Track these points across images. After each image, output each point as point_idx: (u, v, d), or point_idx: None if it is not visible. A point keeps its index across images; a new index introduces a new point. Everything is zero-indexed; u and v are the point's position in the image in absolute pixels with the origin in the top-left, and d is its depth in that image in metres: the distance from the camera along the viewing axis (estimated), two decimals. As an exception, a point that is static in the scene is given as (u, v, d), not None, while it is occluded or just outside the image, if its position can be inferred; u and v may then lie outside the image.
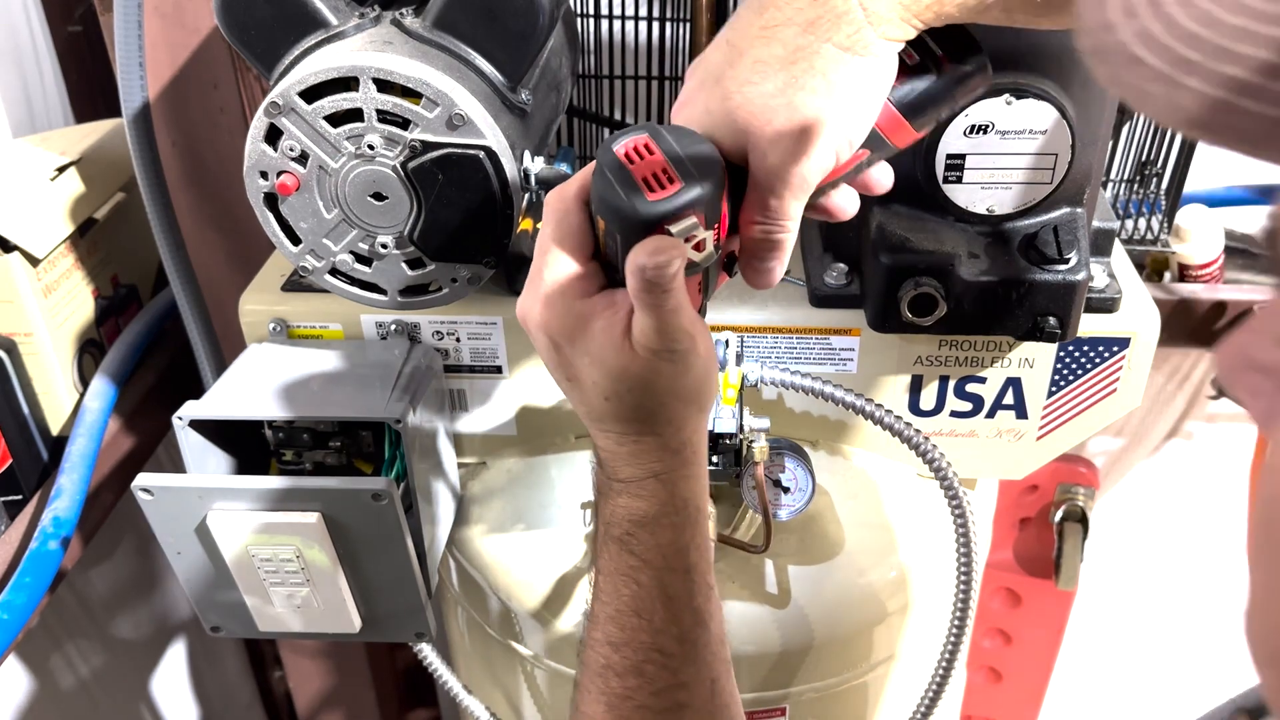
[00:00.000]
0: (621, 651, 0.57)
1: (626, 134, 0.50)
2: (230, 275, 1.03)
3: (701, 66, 0.51)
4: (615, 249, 0.52)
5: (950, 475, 0.81)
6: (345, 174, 0.74)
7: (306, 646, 1.42)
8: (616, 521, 0.57)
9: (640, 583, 0.57)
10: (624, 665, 0.57)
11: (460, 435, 0.94)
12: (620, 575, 0.57)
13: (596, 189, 0.50)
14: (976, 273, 0.74)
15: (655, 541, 0.56)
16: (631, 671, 0.57)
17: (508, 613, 0.93)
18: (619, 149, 0.49)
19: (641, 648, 0.57)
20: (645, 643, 0.57)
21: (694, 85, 0.52)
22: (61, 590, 1.14)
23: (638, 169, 0.49)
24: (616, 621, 0.58)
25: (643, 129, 0.50)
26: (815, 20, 0.46)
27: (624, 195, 0.49)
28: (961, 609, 0.86)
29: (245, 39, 0.75)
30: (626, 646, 0.57)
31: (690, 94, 0.52)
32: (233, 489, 0.77)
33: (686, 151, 0.49)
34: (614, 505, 0.57)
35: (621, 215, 0.49)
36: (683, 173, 0.49)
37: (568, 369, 0.55)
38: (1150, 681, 1.68)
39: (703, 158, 0.49)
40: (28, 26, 1.21)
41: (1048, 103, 0.68)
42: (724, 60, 0.49)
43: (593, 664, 0.59)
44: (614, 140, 0.50)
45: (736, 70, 0.48)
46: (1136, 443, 1.47)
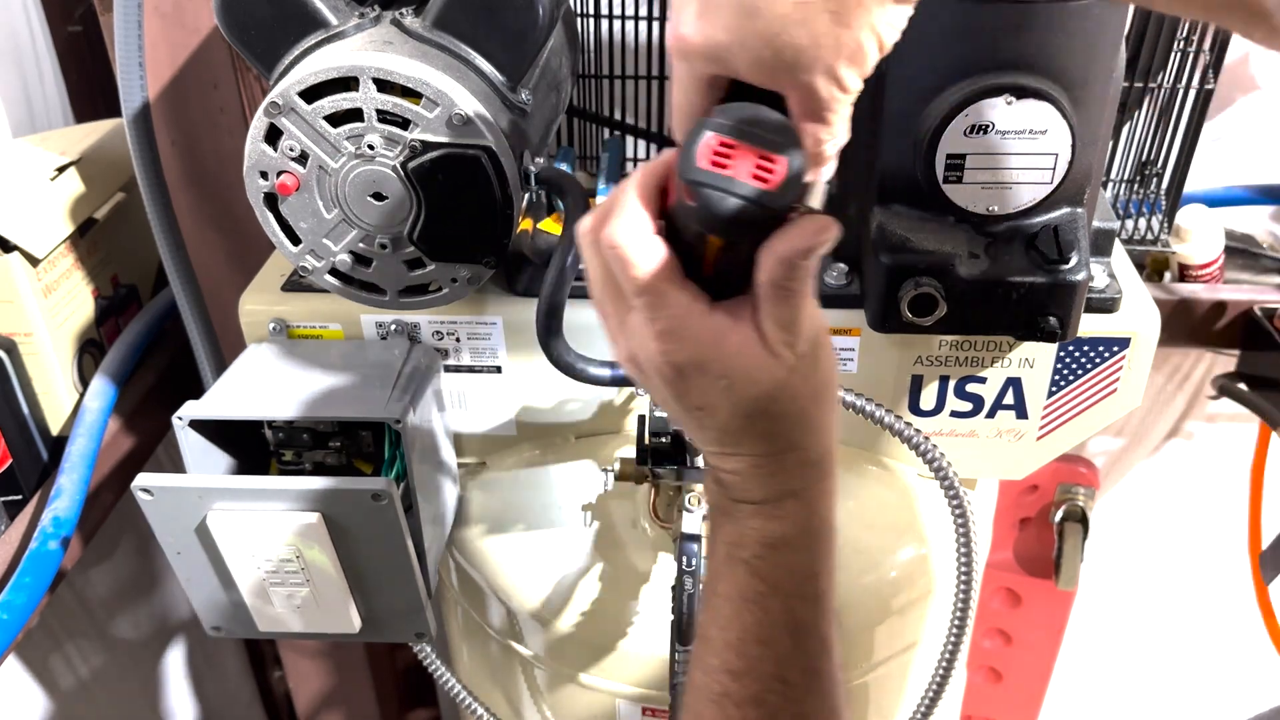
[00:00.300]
0: (742, 680, 0.54)
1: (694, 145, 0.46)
2: (230, 275, 1.03)
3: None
4: (737, 259, 0.49)
5: (950, 475, 0.81)
6: (345, 174, 0.74)
7: (306, 646, 1.42)
8: (746, 544, 0.54)
9: (768, 610, 0.53)
10: (744, 695, 0.54)
11: (460, 435, 0.94)
12: (745, 601, 0.54)
13: (706, 210, 0.46)
14: (976, 273, 0.74)
15: (788, 566, 0.54)
16: (751, 701, 0.54)
17: (508, 613, 0.93)
18: (703, 162, 0.45)
19: (764, 677, 0.54)
20: (769, 673, 0.54)
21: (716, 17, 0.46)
22: (61, 590, 1.14)
23: (736, 170, 0.45)
24: (737, 649, 0.54)
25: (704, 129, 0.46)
26: None
27: (747, 200, 0.45)
28: (961, 609, 0.86)
29: (245, 39, 0.75)
30: (748, 676, 0.54)
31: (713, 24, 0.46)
32: (233, 489, 0.77)
33: (755, 127, 0.46)
34: (742, 527, 0.54)
35: (753, 220, 0.46)
36: (774, 148, 0.45)
37: (698, 397, 0.51)
38: (1150, 681, 1.68)
39: (771, 123, 0.46)
40: (28, 26, 1.21)
41: (1048, 103, 0.68)
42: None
43: (707, 689, 0.56)
44: (687, 157, 0.46)
45: (775, 6, 0.44)
46: (1136, 443, 1.47)
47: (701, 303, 0.49)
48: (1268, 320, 1.10)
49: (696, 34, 0.46)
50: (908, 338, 0.83)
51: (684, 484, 0.80)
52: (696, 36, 0.46)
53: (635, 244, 0.48)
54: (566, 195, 0.78)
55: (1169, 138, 1.06)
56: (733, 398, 0.51)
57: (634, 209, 0.49)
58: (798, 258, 0.47)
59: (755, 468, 0.53)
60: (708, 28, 0.45)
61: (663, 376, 0.51)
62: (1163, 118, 1.05)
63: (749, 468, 0.53)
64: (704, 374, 0.50)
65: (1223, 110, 1.24)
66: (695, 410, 0.52)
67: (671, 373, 0.50)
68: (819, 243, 0.47)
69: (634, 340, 0.51)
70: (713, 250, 0.49)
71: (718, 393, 0.51)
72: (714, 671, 0.55)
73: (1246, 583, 1.23)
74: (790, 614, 0.54)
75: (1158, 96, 1.04)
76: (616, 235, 0.49)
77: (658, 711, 0.89)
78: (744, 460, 0.53)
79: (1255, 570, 1.21)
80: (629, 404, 0.91)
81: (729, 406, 0.51)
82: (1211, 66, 1.01)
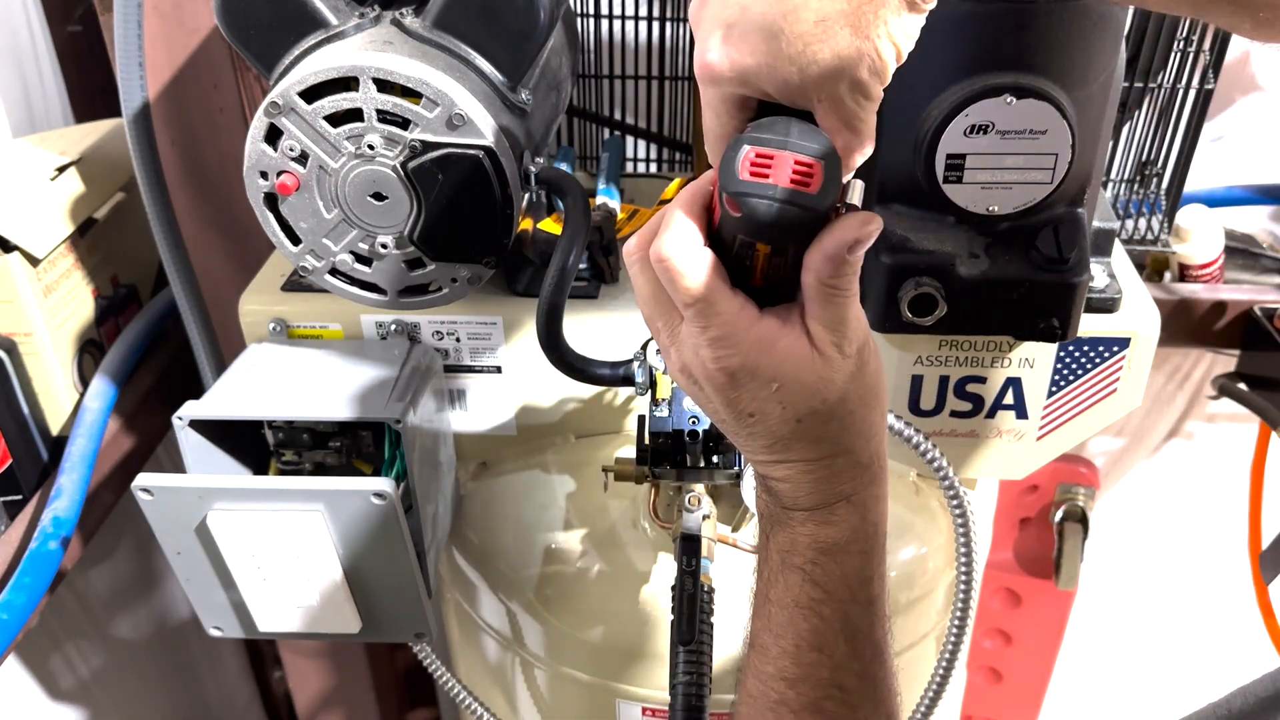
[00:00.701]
0: (798, 688, 0.55)
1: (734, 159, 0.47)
2: (230, 275, 1.03)
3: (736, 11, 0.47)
4: (784, 266, 0.50)
5: (950, 475, 0.81)
6: (345, 174, 0.74)
7: (306, 646, 1.42)
8: (799, 550, 0.54)
9: (823, 616, 0.54)
10: (800, 702, 0.55)
11: (460, 435, 0.94)
12: (800, 608, 0.54)
13: (752, 218, 0.47)
14: (976, 273, 0.74)
15: (841, 571, 0.54)
16: (809, 708, 0.55)
17: (507, 612, 0.93)
18: (744, 173, 0.47)
19: (821, 684, 0.54)
20: (825, 679, 0.54)
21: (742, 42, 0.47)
22: (61, 590, 1.14)
23: (776, 177, 0.47)
24: (793, 656, 0.55)
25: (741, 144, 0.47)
26: None
27: (790, 203, 0.47)
28: (961, 609, 0.86)
29: (245, 39, 0.75)
30: (804, 683, 0.55)
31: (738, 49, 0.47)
32: (233, 489, 0.77)
33: (789, 137, 0.47)
34: (795, 534, 0.54)
35: (798, 223, 0.48)
36: (809, 153, 0.47)
37: (750, 403, 0.52)
38: (1150, 681, 1.68)
39: (804, 131, 0.48)
40: (28, 26, 1.21)
41: (1048, 103, 0.68)
42: (775, 12, 0.46)
43: (763, 698, 0.56)
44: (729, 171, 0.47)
45: (797, 26, 0.45)
46: (1136, 443, 1.47)
47: (750, 309, 0.51)
48: (1268, 320, 1.10)
49: (723, 60, 0.47)
50: (908, 338, 0.83)
51: (684, 484, 0.80)
52: (723, 63, 0.47)
53: (684, 256, 0.50)
54: (566, 195, 0.78)
55: (1169, 138, 1.06)
56: (783, 401, 0.51)
57: (681, 224, 0.50)
58: (843, 251, 0.49)
59: (806, 473, 0.53)
60: (734, 54, 0.47)
61: (715, 384, 0.52)
62: (1163, 118, 1.05)
63: (800, 473, 0.53)
64: (755, 378, 0.51)
65: (1223, 110, 1.24)
66: (747, 417, 0.53)
67: (724, 379, 0.51)
68: (864, 235, 0.49)
69: (686, 350, 0.52)
70: (761, 258, 0.50)
71: (769, 397, 0.51)
72: (770, 679, 0.56)
73: (1246, 583, 1.23)
74: (845, 619, 0.54)
75: (1158, 96, 1.04)
76: (665, 249, 0.50)
77: (658, 711, 0.89)
78: (795, 466, 0.53)
79: (1255, 570, 1.21)
80: (629, 404, 0.91)
81: (780, 410, 0.52)
82: (1211, 66, 1.01)
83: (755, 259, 0.50)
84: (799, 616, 0.54)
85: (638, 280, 0.53)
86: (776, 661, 0.55)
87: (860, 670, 0.55)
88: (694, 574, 0.74)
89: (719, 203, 0.49)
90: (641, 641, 0.87)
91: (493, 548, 0.93)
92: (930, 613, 0.94)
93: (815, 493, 0.54)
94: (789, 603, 0.55)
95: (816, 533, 0.54)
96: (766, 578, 0.56)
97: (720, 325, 0.50)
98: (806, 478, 0.53)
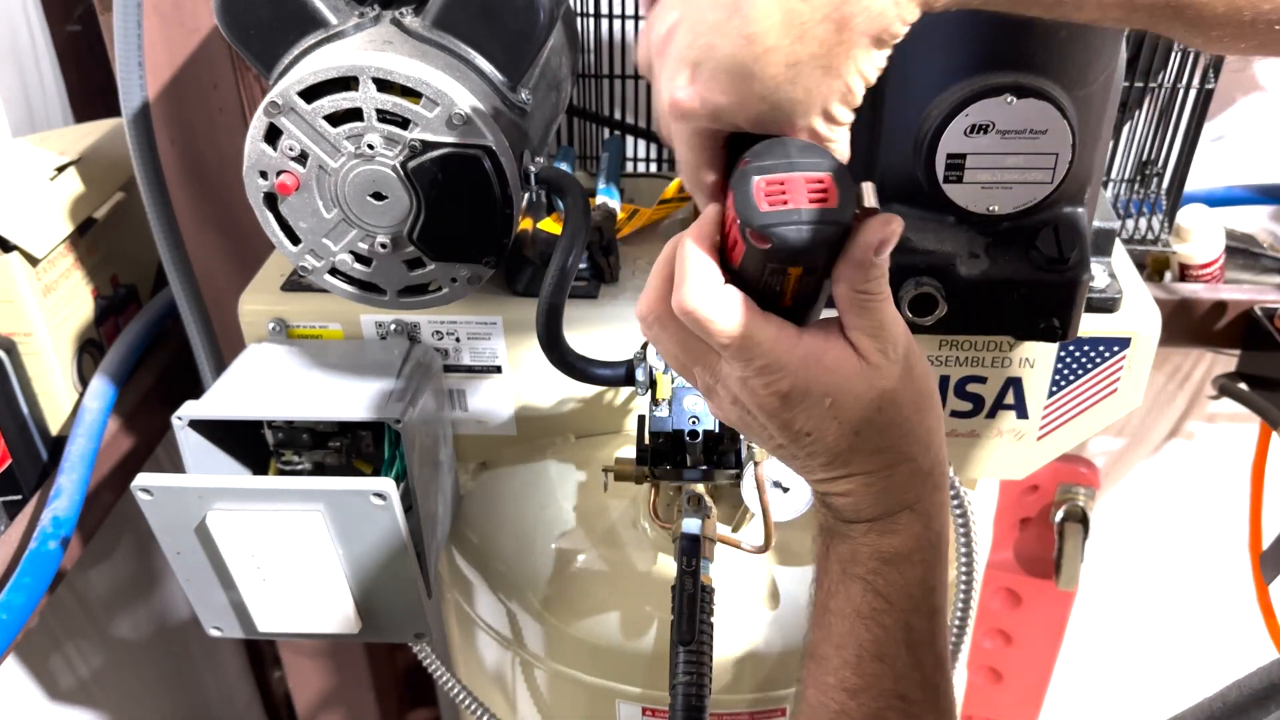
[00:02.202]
0: (859, 699, 0.54)
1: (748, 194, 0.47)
2: (230, 275, 1.03)
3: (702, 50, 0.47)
4: (814, 284, 0.51)
5: (950, 475, 0.81)
6: (345, 174, 0.74)
7: (306, 646, 1.42)
8: (860, 560, 0.54)
9: (885, 626, 0.53)
10: (862, 713, 0.54)
11: (460, 435, 0.94)
12: (861, 618, 0.54)
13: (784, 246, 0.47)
14: (976, 273, 0.74)
15: (903, 581, 0.53)
16: (870, 718, 0.54)
17: (507, 612, 0.93)
18: (763, 205, 0.47)
19: (883, 695, 0.54)
20: (887, 689, 0.54)
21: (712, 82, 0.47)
22: (61, 590, 1.14)
23: (794, 200, 0.47)
24: (854, 667, 0.54)
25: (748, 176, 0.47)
26: (847, 19, 0.45)
27: (821, 223, 0.47)
28: (962, 609, 0.86)
29: (245, 39, 0.75)
30: (865, 693, 0.54)
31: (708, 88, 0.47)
32: (232, 489, 0.77)
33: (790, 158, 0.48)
34: (856, 545, 0.54)
35: (830, 240, 0.48)
36: (816, 169, 0.47)
37: (805, 422, 0.51)
38: (1150, 681, 1.68)
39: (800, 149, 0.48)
40: (27, 26, 1.21)
41: (1048, 103, 0.68)
42: (745, 55, 0.46)
43: (824, 709, 0.56)
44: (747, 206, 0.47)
45: (768, 69, 0.46)
46: (1137, 443, 1.47)
47: (790, 330, 0.50)
48: (1268, 320, 1.10)
49: (693, 99, 0.48)
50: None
51: (684, 484, 0.80)
52: (693, 101, 0.48)
53: (710, 302, 0.49)
54: (566, 195, 0.78)
55: (1169, 138, 1.06)
56: (838, 415, 0.51)
57: (698, 271, 0.50)
58: (870, 256, 0.49)
59: (867, 486, 0.53)
60: (704, 92, 0.47)
61: (768, 411, 0.51)
62: (1163, 118, 1.05)
63: (861, 486, 0.53)
64: (808, 396, 0.50)
65: (1223, 110, 1.24)
66: (804, 436, 0.52)
67: (777, 403, 0.51)
68: (888, 235, 0.49)
69: (733, 385, 0.52)
70: (793, 281, 0.50)
71: (823, 413, 0.51)
72: (830, 690, 0.55)
73: (1246, 583, 1.23)
74: (908, 629, 0.54)
75: (1158, 96, 1.04)
76: (690, 301, 0.49)
77: (658, 711, 0.89)
78: (855, 480, 0.53)
79: (1255, 570, 1.21)
80: (629, 404, 0.91)
81: (836, 425, 0.51)
82: (1211, 66, 1.01)
83: (786, 283, 0.50)
84: (860, 627, 0.54)
85: (660, 338, 0.52)
86: (838, 672, 0.55)
87: (922, 681, 0.54)
88: (694, 574, 0.74)
89: (742, 238, 0.48)
90: (641, 641, 0.87)
91: (493, 548, 0.93)
92: (930, 613, 0.94)
93: (877, 503, 0.53)
94: (850, 613, 0.54)
95: (879, 543, 0.53)
96: (826, 589, 0.56)
97: (764, 355, 0.50)
98: (868, 490, 0.53)
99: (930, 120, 0.70)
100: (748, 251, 0.48)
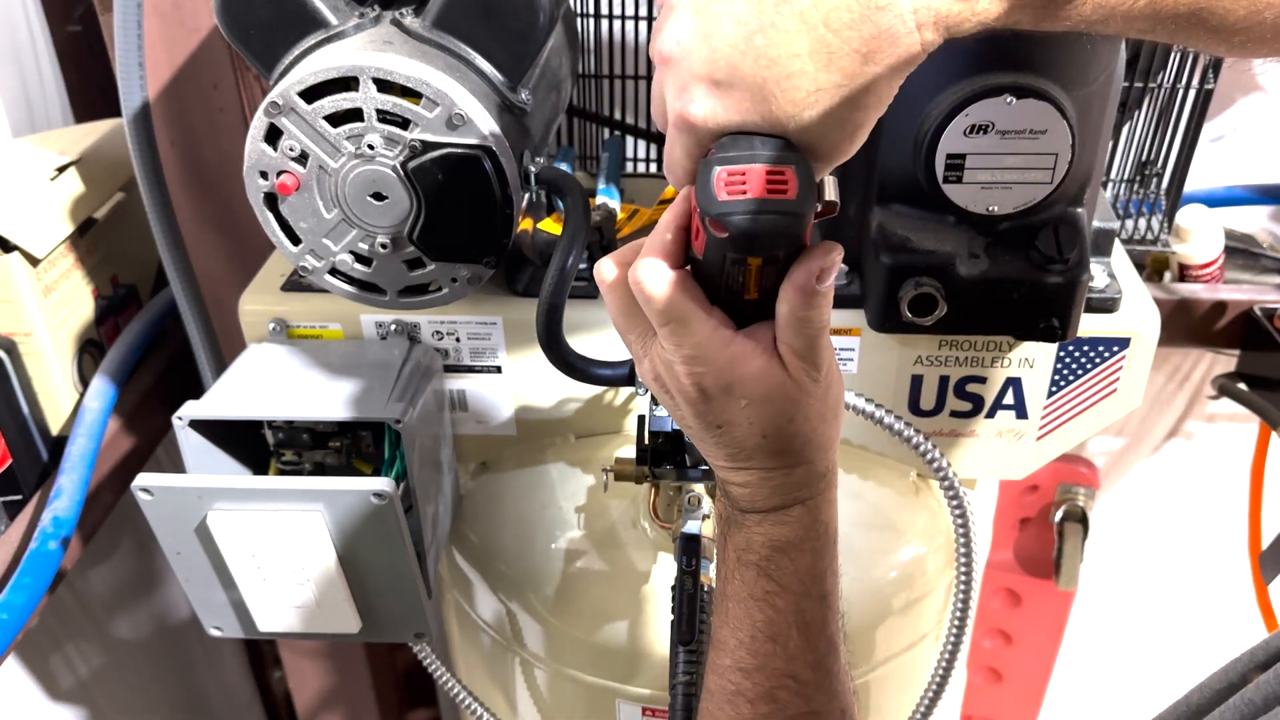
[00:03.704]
0: (754, 678, 0.57)
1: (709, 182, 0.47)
2: (230, 275, 1.03)
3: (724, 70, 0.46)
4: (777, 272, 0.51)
5: (950, 475, 0.81)
6: (345, 174, 0.74)
7: (306, 646, 1.42)
8: (753, 548, 0.56)
9: (776, 608, 0.56)
10: (756, 692, 0.57)
11: (460, 435, 0.94)
12: (755, 600, 0.56)
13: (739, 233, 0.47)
14: (976, 273, 0.74)
15: (794, 567, 0.56)
16: (764, 698, 0.56)
17: (507, 612, 0.93)
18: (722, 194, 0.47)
19: (775, 674, 0.56)
20: (779, 669, 0.56)
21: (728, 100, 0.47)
22: (61, 590, 1.14)
23: (752, 190, 0.47)
24: (749, 647, 0.57)
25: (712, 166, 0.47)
26: (875, 51, 0.45)
27: (774, 212, 0.47)
28: (961, 609, 0.86)
29: (245, 39, 0.75)
30: (759, 672, 0.57)
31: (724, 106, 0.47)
32: (233, 489, 0.77)
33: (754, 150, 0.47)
34: (750, 534, 0.57)
35: (784, 230, 0.48)
36: (779, 162, 0.47)
37: (718, 416, 0.54)
38: (1150, 681, 1.68)
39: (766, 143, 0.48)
40: (27, 26, 1.21)
41: (1048, 103, 0.68)
42: (770, 77, 0.45)
43: (721, 691, 0.58)
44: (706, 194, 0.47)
45: (791, 94, 0.46)
46: (1136, 443, 1.47)
47: (725, 329, 0.52)
48: (1268, 320, 1.10)
49: (710, 116, 0.47)
50: (908, 338, 0.83)
51: (684, 484, 0.80)
52: (710, 119, 0.47)
53: (656, 279, 0.51)
54: (566, 195, 0.78)
55: (1169, 138, 1.06)
56: (752, 418, 0.53)
57: (656, 246, 0.52)
58: (812, 282, 0.50)
59: (766, 481, 0.56)
60: (720, 111, 0.47)
61: (685, 397, 0.54)
62: (1163, 118, 1.05)
63: (759, 480, 0.56)
64: (727, 395, 0.53)
65: (1223, 110, 1.24)
66: (715, 428, 0.55)
67: (695, 393, 0.54)
68: (829, 264, 0.50)
69: (658, 362, 0.55)
70: (754, 271, 0.51)
71: (737, 411, 0.53)
72: (727, 671, 0.58)
73: (1246, 583, 1.23)
74: (799, 612, 0.56)
75: (1158, 96, 1.04)
76: (640, 272, 0.52)
77: (658, 711, 0.89)
78: (755, 474, 0.56)
79: (1255, 570, 1.21)
80: (629, 404, 0.91)
81: (746, 425, 0.54)
82: (1211, 66, 1.01)
83: (748, 273, 0.51)
84: (754, 608, 0.56)
85: (609, 298, 0.55)
86: (734, 653, 0.57)
87: (814, 662, 0.57)
88: (694, 574, 0.74)
89: (702, 226, 0.49)
90: (641, 641, 0.87)
91: (493, 548, 0.93)
92: (930, 613, 0.94)
93: (772, 497, 0.56)
94: (745, 596, 0.57)
95: (771, 532, 0.56)
96: (724, 576, 0.59)
97: (693, 345, 0.52)
98: (765, 485, 0.56)
99: (930, 120, 0.70)
100: (708, 240, 0.50)
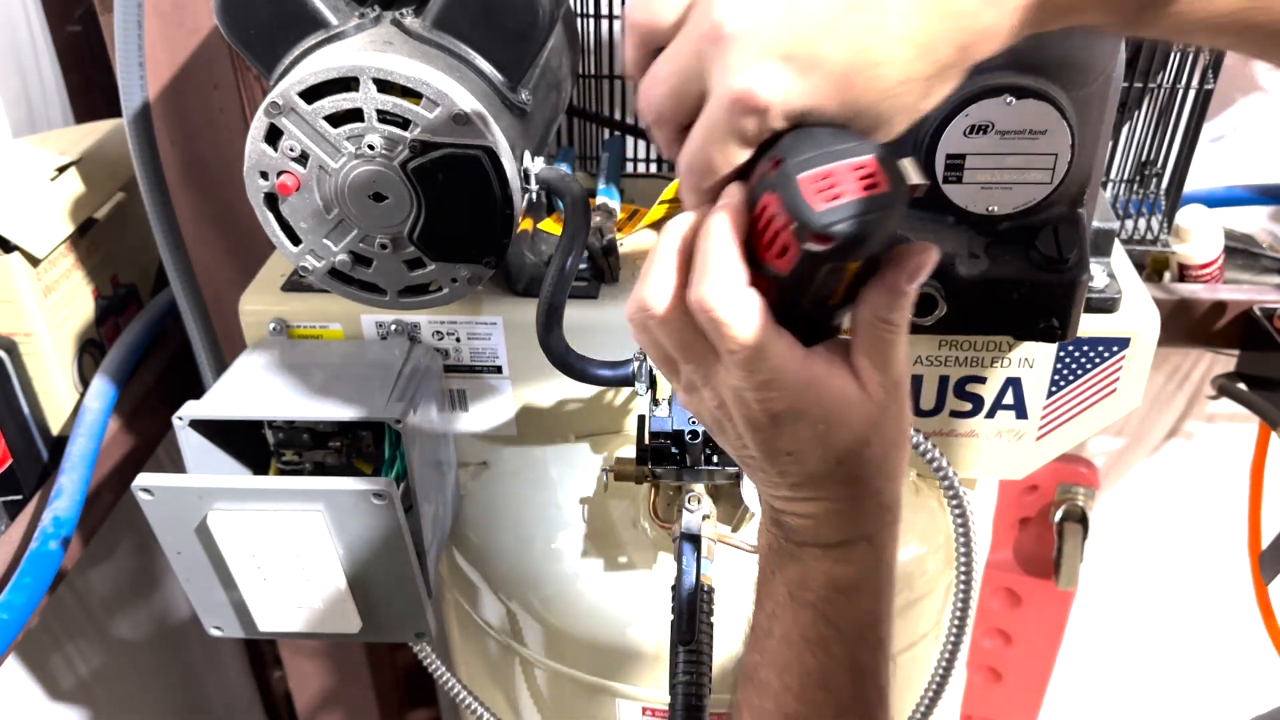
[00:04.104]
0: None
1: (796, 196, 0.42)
2: (230, 275, 1.03)
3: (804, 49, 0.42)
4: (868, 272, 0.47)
5: (950, 475, 0.81)
6: (345, 174, 0.74)
7: (306, 646, 1.42)
8: (812, 586, 0.52)
9: (832, 654, 0.52)
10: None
11: (460, 435, 0.94)
12: (809, 644, 0.53)
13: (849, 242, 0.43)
14: (976, 273, 0.74)
15: (854, 610, 0.52)
16: None
17: (508, 612, 0.93)
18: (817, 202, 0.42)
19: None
20: (829, 718, 0.53)
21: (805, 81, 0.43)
22: (61, 590, 1.14)
23: (848, 192, 0.43)
24: (798, 694, 0.53)
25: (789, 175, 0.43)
26: (972, 45, 0.43)
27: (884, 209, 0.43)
28: (961, 609, 0.86)
29: (245, 39, 0.75)
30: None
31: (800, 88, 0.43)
32: (233, 489, 0.77)
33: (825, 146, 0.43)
34: (808, 570, 0.52)
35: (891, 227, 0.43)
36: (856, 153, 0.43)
37: (788, 443, 0.49)
38: (1150, 681, 1.68)
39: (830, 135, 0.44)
40: (27, 26, 1.21)
41: (1048, 103, 0.68)
42: (860, 62, 0.42)
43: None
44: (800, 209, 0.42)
45: (878, 83, 0.43)
46: (1136, 443, 1.47)
47: (798, 350, 0.48)
48: (1267, 320, 1.10)
49: (783, 99, 0.43)
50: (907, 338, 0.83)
51: (684, 484, 0.80)
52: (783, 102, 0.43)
53: (732, 305, 0.45)
54: (566, 195, 0.78)
55: (1169, 138, 1.06)
56: (826, 442, 0.49)
57: (724, 266, 0.45)
58: (901, 282, 0.47)
59: (834, 512, 0.51)
60: (793, 93, 0.43)
61: (754, 425, 0.49)
62: (1163, 118, 1.05)
63: (827, 512, 0.51)
64: (801, 420, 0.48)
65: (1223, 110, 1.24)
66: (784, 456, 0.50)
67: (766, 420, 0.49)
68: (924, 262, 0.47)
69: (723, 391, 0.49)
70: (849, 275, 0.47)
71: (812, 438, 0.49)
72: (769, 715, 0.54)
73: (1246, 583, 1.23)
74: (854, 660, 0.53)
75: (1158, 96, 1.04)
76: (710, 298, 0.45)
77: (658, 711, 0.89)
78: (821, 504, 0.51)
79: (1255, 570, 1.21)
80: (629, 404, 0.91)
81: (820, 451, 0.49)
82: (1211, 66, 1.01)
83: (842, 280, 0.47)
84: (806, 653, 0.53)
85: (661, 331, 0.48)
86: (778, 698, 0.54)
87: (864, 714, 0.54)
88: (694, 574, 0.74)
89: (797, 242, 0.43)
90: (641, 641, 0.87)
91: (493, 548, 0.93)
92: (930, 613, 0.94)
93: (838, 531, 0.52)
94: (797, 639, 0.53)
95: (833, 570, 0.52)
96: (770, 611, 0.54)
97: (770, 369, 0.47)
98: (833, 516, 0.51)
99: (929, 120, 0.70)
100: (803, 256, 0.44)
